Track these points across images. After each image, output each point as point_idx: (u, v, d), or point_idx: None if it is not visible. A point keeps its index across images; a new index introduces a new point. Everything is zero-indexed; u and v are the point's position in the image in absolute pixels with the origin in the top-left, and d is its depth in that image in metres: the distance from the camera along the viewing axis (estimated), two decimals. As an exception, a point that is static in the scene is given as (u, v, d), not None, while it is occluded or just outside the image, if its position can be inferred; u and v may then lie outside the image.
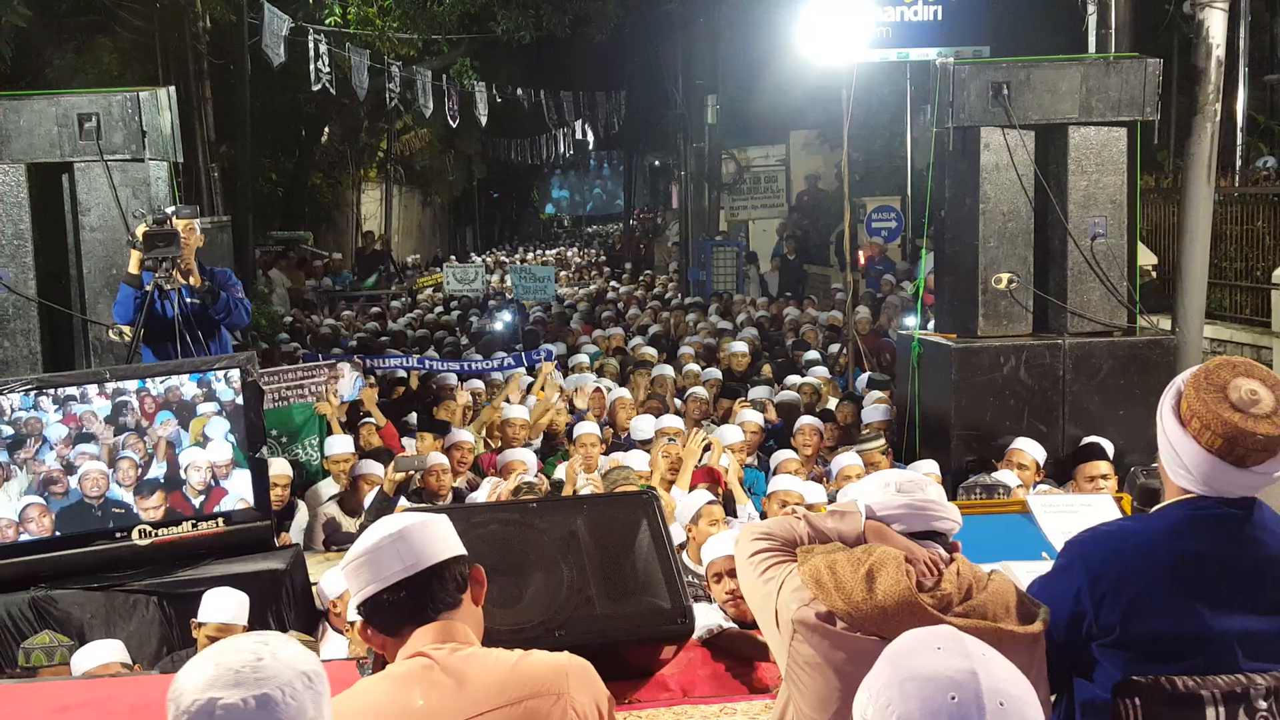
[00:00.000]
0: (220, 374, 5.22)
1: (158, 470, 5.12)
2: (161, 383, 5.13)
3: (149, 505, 5.10)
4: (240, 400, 5.22)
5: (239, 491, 5.23)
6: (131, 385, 5.08)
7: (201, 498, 5.16)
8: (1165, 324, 9.13)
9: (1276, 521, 2.39)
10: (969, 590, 2.34)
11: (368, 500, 6.79)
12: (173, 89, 7.05)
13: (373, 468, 7.21)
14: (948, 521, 2.55)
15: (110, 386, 5.08)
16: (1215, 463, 2.31)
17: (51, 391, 5.05)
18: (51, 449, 5.01)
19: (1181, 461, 2.36)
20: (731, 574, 4.65)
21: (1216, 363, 2.38)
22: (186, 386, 5.13)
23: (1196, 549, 2.32)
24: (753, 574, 2.56)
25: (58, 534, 5.01)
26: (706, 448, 7.09)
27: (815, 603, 2.36)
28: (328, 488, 7.50)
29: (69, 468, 5.04)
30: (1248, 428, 2.28)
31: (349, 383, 9.04)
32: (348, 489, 7.22)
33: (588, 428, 8.14)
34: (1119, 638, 2.28)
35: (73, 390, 5.05)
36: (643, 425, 8.43)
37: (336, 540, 6.75)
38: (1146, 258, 10.74)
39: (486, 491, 6.97)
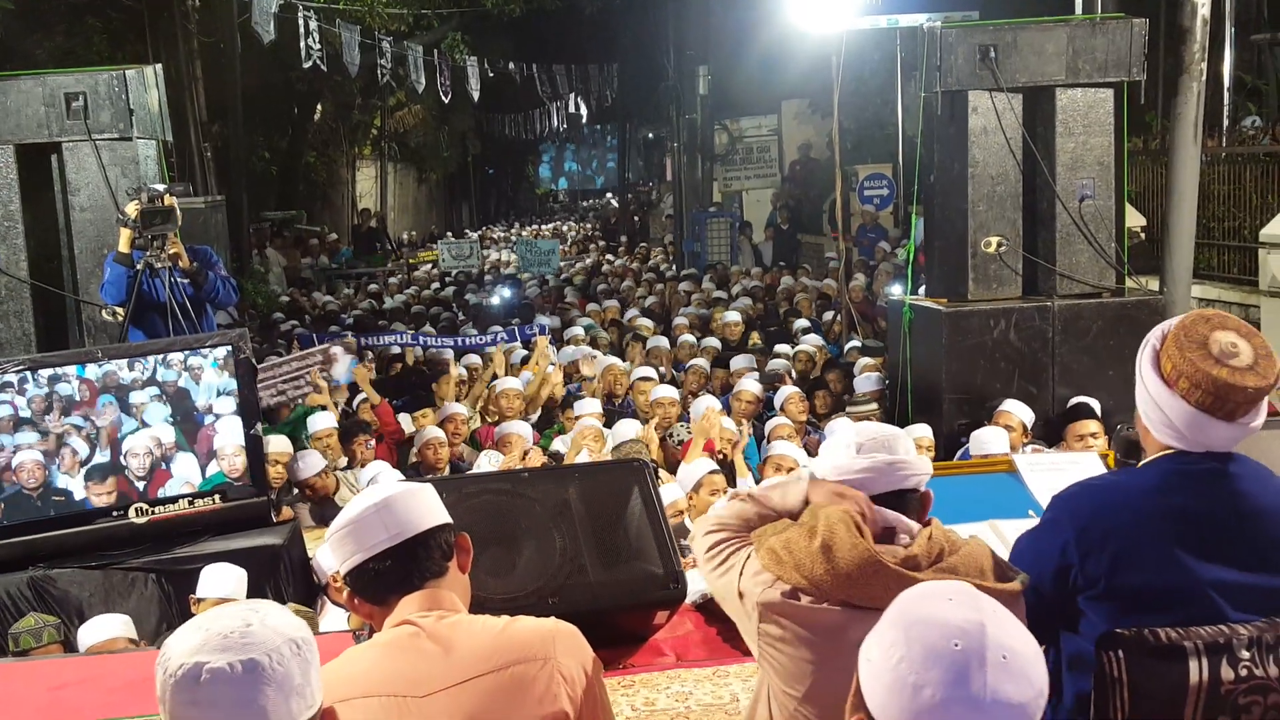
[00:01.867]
0: (161, 357, 5.09)
1: (102, 456, 5.00)
2: (100, 367, 4.99)
3: (101, 491, 4.99)
4: (182, 382, 5.11)
5: (184, 474, 5.10)
6: (72, 371, 4.95)
7: (144, 482, 5.06)
8: (1154, 284, 9.11)
9: (1259, 473, 2.38)
10: (940, 553, 2.30)
11: (364, 475, 6.77)
12: (159, 66, 7.00)
13: (313, 464, 6.93)
14: (915, 477, 2.47)
15: (46, 374, 4.93)
16: (1204, 418, 2.30)
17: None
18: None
19: (1167, 419, 2.34)
20: None
21: (1191, 318, 2.36)
22: (124, 371, 4.99)
23: (1184, 503, 2.31)
24: (712, 567, 2.51)
25: (4, 522, 4.87)
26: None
27: (778, 584, 2.32)
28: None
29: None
30: (1236, 381, 2.27)
31: (343, 366, 9.04)
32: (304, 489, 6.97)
33: (590, 405, 8.12)
34: (1104, 590, 2.28)
35: (10, 378, 4.91)
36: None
37: (330, 517, 6.73)
38: (1134, 219, 10.75)
39: (485, 465, 6.99)
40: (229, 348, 5.29)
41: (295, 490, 7.01)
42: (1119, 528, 2.31)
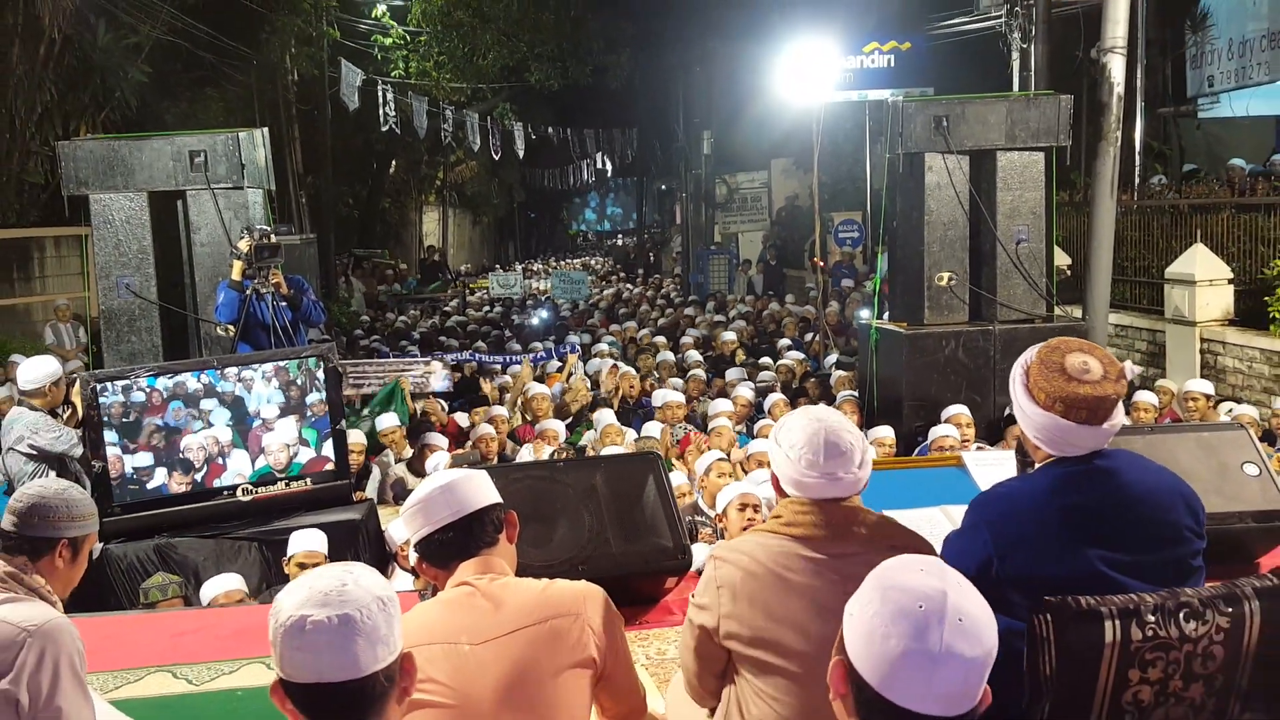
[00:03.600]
0: (218, 371, 5.05)
1: (172, 451, 4.99)
2: (170, 379, 4.97)
3: (180, 481, 4.99)
4: (238, 391, 5.07)
5: (237, 468, 5.05)
6: (144, 381, 4.94)
7: (201, 473, 5.03)
8: (1077, 313, 9.09)
9: (1132, 463, 2.37)
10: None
11: (429, 464, 6.81)
12: (266, 130, 7.04)
13: (436, 439, 7.23)
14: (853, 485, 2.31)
15: (121, 384, 4.95)
16: (1077, 428, 2.29)
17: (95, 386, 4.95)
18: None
19: (1048, 434, 2.33)
20: (755, 507, 4.67)
21: (1046, 349, 2.35)
22: (190, 381, 4.97)
23: (1075, 500, 2.30)
24: (683, 667, 2.42)
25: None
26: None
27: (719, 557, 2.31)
28: (391, 455, 7.52)
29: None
30: (1097, 393, 2.27)
31: (439, 377, 9.07)
32: (415, 455, 7.22)
33: (609, 417, 8.12)
34: (1022, 582, 2.25)
35: (96, 387, 4.94)
36: (654, 396, 8.49)
37: (403, 496, 6.76)
38: (1061, 259, 10.69)
39: (526, 455, 7.00)
40: (319, 358, 5.31)
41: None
42: (1027, 528, 2.29)
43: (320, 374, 5.26)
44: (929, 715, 1.52)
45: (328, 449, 5.24)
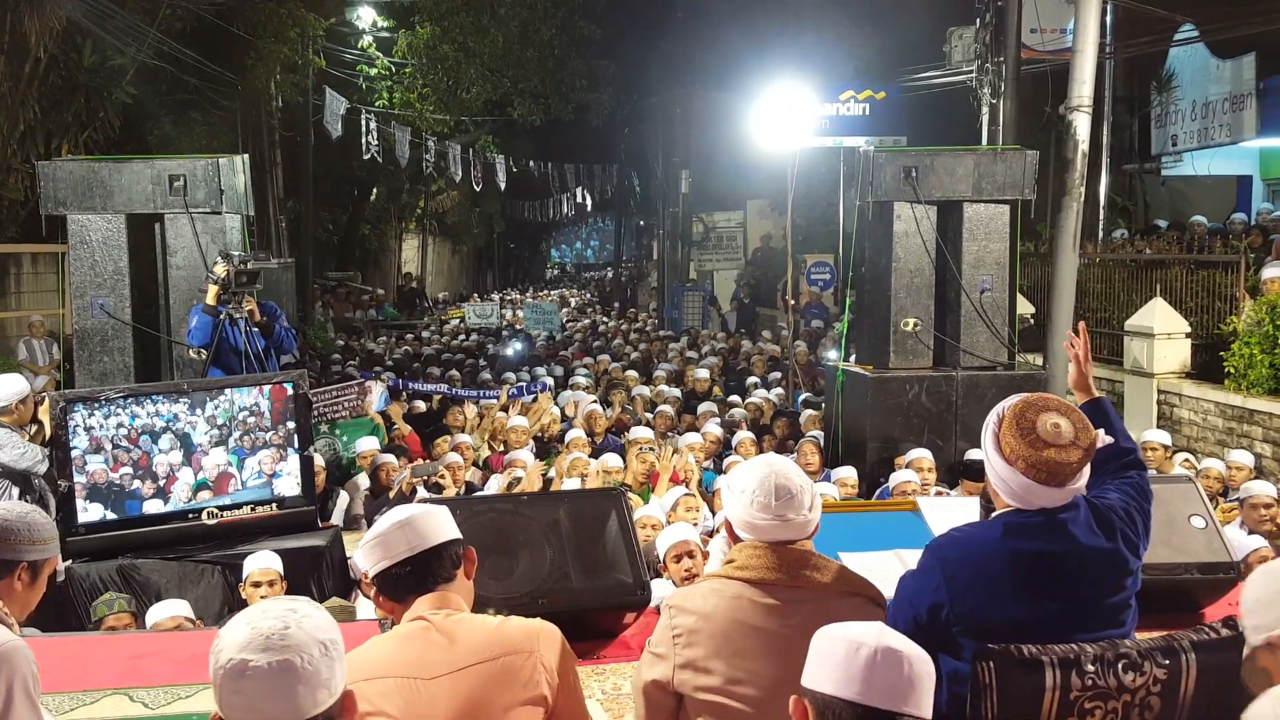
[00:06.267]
0: (172, 413, 5.26)
1: (140, 469, 5.16)
2: (152, 413, 5.21)
3: (140, 487, 5.18)
4: (185, 428, 5.24)
5: (185, 480, 5.22)
6: (125, 418, 5.17)
7: (162, 482, 5.18)
8: (1038, 361, 9.19)
9: (1086, 520, 2.41)
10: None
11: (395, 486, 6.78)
12: (246, 156, 7.02)
13: (386, 459, 7.28)
14: (813, 525, 2.41)
15: (114, 421, 5.13)
16: (1040, 488, 2.34)
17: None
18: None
19: (1011, 489, 2.38)
20: (690, 554, 4.68)
21: (1019, 407, 2.39)
22: (153, 418, 5.22)
23: (1027, 549, 2.34)
24: (635, 713, 2.46)
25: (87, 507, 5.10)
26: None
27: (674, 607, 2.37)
28: (365, 479, 7.49)
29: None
30: (1063, 459, 2.31)
31: (376, 397, 9.08)
32: (374, 477, 7.23)
33: (577, 432, 8.23)
34: (971, 625, 2.30)
35: (79, 419, 5.15)
36: (631, 431, 8.53)
37: (370, 520, 6.73)
38: (1024, 307, 10.83)
39: (495, 487, 6.98)
40: (291, 384, 5.29)
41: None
42: (979, 573, 2.33)
43: (264, 403, 5.28)
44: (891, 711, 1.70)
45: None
